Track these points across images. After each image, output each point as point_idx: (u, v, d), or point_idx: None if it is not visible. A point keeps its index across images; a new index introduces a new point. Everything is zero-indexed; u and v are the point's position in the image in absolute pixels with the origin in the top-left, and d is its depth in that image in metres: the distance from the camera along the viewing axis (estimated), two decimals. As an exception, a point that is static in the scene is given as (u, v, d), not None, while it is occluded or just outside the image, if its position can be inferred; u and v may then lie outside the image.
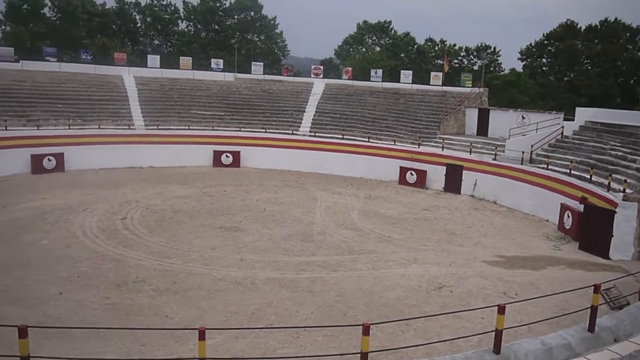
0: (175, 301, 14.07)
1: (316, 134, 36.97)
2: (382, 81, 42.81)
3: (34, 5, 54.25)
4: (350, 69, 46.09)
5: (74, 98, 36.14)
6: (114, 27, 58.73)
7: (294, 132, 37.56)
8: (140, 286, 14.96)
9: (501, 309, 7.16)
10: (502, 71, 61.04)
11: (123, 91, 38.56)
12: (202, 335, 6.64)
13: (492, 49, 62.50)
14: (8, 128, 30.57)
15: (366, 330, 6.75)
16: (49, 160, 30.66)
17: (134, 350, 11.21)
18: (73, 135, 32.38)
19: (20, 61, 37.88)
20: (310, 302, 14.35)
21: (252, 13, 62.38)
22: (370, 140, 35.08)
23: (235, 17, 62.36)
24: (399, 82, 42.30)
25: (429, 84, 41.20)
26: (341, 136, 36.07)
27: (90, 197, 25.38)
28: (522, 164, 27.18)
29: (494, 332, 7.09)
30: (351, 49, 65.06)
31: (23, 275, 15.30)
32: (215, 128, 37.11)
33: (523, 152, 27.45)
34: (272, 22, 63.24)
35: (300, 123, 38.70)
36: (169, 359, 10.58)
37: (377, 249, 19.48)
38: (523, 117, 32.70)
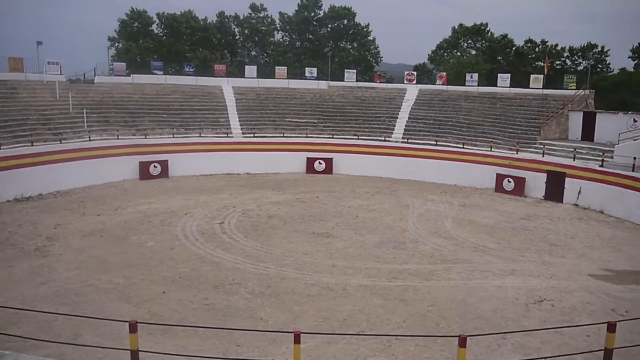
0: (269, 304, 14.43)
1: (409, 141, 36.55)
2: (478, 85, 41.55)
3: (143, 24, 58.29)
4: (444, 73, 45.16)
5: (177, 108, 38.33)
6: (214, 40, 61.59)
7: (387, 138, 37.37)
8: (237, 288, 15.50)
9: (611, 327, 6.67)
10: (610, 72, 57.02)
11: (222, 101, 40.35)
12: (297, 339, 6.74)
13: (599, 49, 58.64)
14: (120, 137, 32.98)
15: (462, 342, 6.56)
16: (154, 166, 32.70)
17: (230, 350, 11.62)
18: (176, 143, 34.36)
19: (131, 75, 40.85)
20: (402, 311, 14.16)
21: (346, 21, 62.91)
22: (465, 146, 34.13)
23: (329, 26, 63.22)
24: (495, 86, 40.84)
25: (528, 87, 39.37)
26: (435, 142, 35.41)
27: (191, 202, 26.73)
28: (633, 170, 25.20)
29: (602, 352, 6.62)
30: (445, 54, 63.69)
31: (131, 274, 16.40)
32: (308, 135, 37.81)
33: (635, 158, 25.43)
34: (365, 30, 63.38)
35: (393, 129, 38.45)
36: (263, 360, 10.86)
37: (472, 259, 18.86)
38: (635, 121, 30.29)
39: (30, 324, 12.45)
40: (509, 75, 41.58)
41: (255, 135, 37.23)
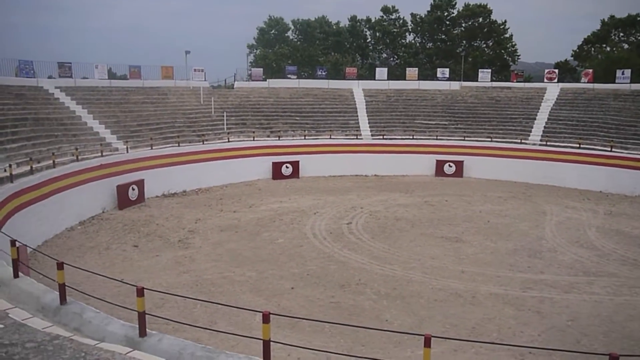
0: (395, 306, 14.28)
1: (547, 143, 34.17)
2: (631, 82, 37.76)
3: (280, 30, 61.00)
4: (590, 71, 41.66)
5: (309, 111, 39.51)
6: (346, 44, 62.60)
7: (523, 141, 35.27)
8: (362, 289, 15.54)
9: None
10: None
11: (352, 103, 40.85)
12: (427, 342, 6.50)
13: None
14: (255, 139, 34.71)
15: (611, 362, 5.91)
16: (286, 167, 33.96)
17: (354, 349, 11.66)
18: (307, 144, 35.36)
19: (267, 80, 42.91)
20: (537, 323, 13.25)
21: (481, 19, 60.55)
22: (613, 149, 31.16)
23: (463, 25, 61.28)
24: (652, 82, 36.88)
25: (693, 84, 35.06)
26: (577, 145, 32.74)
27: (320, 202, 27.35)
28: None
29: None
30: (593, 49, 58.66)
31: (262, 269, 17.16)
32: (438, 137, 36.90)
33: None
34: (501, 27, 60.51)
35: (530, 131, 36.23)
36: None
37: (620, 273, 17.12)
38: None
39: (172, 308, 13.53)
40: (669, 70, 37.33)
41: (384, 137, 37.14)
